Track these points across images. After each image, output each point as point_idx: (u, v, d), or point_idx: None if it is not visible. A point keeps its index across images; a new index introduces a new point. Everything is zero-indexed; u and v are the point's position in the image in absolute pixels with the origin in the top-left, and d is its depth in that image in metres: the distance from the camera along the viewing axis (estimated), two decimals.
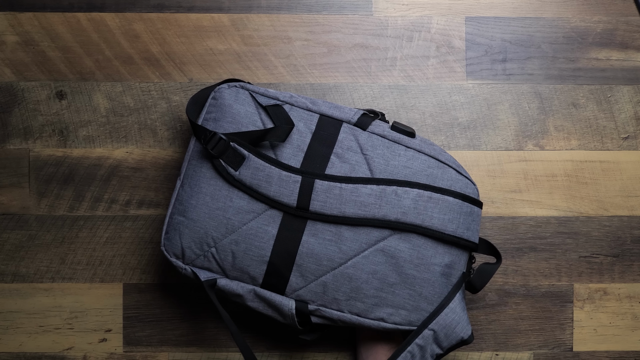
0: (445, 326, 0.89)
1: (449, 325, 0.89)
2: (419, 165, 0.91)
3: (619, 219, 1.04)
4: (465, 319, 0.90)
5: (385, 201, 0.89)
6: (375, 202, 0.89)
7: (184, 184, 0.92)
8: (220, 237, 0.90)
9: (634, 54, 1.05)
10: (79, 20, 1.03)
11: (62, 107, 1.03)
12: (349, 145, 0.91)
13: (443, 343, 0.89)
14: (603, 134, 1.05)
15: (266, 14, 1.04)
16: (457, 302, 0.90)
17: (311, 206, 0.89)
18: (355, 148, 0.91)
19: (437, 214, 0.89)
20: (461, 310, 0.90)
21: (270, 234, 0.89)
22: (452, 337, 0.89)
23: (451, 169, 0.92)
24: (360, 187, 0.89)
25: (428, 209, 0.89)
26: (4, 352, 1.02)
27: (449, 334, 0.89)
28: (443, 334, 0.89)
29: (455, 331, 0.89)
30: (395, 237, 0.90)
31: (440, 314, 0.89)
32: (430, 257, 0.90)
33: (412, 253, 0.89)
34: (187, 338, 1.03)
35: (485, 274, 0.91)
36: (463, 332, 0.90)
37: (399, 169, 0.91)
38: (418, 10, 1.05)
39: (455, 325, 0.89)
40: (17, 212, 1.03)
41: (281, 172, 0.89)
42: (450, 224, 0.90)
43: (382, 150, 0.92)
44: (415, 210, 0.89)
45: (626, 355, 1.04)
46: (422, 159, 0.92)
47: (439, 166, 0.92)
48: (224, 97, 0.93)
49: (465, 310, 0.90)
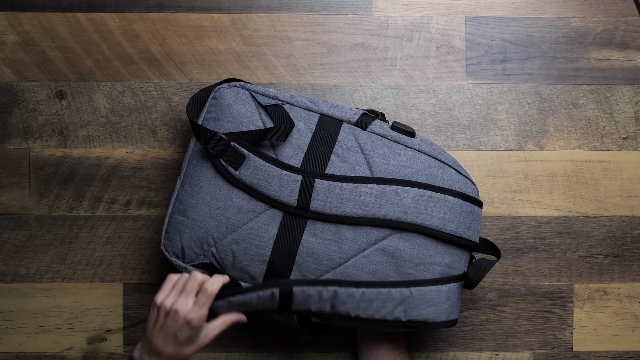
0: (421, 298, 0.88)
1: (425, 300, 0.88)
2: (419, 164, 0.91)
3: (619, 219, 1.04)
4: (445, 308, 0.89)
5: (386, 200, 0.89)
6: (376, 202, 0.89)
7: (184, 184, 0.92)
8: (220, 236, 0.90)
9: (634, 54, 1.05)
10: (79, 20, 1.03)
11: (62, 107, 1.03)
12: (349, 144, 0.91)
13: (409, 312, 0.88)
14: (603, 134, 1.05)
15: (266, 14, 1.04)
16: (447, 290, 0.89)
17: (311, 205, 0.89)
18: (356, 148, 0.91)
19: (437, 213, 0.89)
20: (446, 299, 0.89)
21: (270, 234, 0.89)
22: (422, 312, 0.88)
23: (451, 168, 0.92)
24: (361, 186, 0.89)
25: (428, 208, 0.89)
26: (4, 352, 1.02)
27: (420, 307, 0.88)
28: (416, 303, 0.88)
29: (427, 309, 0.88)
30: (395, 236, 0.89)
31: (427, 286, 0.88)
32: (430, 256, 0.89)
33: (412, 252, 0.89)
34: None
35: (482, 268, 0.90)
36: (434, 316, 0.88)
37: (399, 169, 0.91)
38: (418, 10, 1.05)
39: (432, 304, 0.88)
40: (17, 212, 1.03)
41: (281, 172, 0.89)
42: (451, 223, 0.90)
43: (382, 150, 0.92)
44: (416, 209, 0.89)
45: (626, 355, 1.04)
46: (422, 158, 0.92)
47: (439, 166, 0.92)
48: (224, 96, 0.93)
49: (451, 303, 0.90)
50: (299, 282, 0.86)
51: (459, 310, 0.92)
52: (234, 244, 0.89)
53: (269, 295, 0.85)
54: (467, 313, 1.04)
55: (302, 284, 0.86)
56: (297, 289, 0.86)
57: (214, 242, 0.90)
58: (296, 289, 0.86)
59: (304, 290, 0.86)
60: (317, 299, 0.87)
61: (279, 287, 0.85)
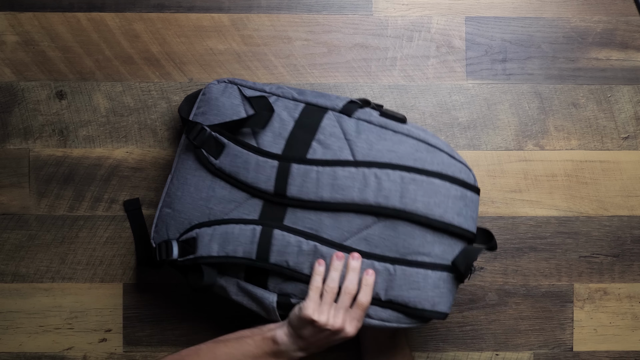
0: (405, 279, 0.83)
1: (409, 282, 0.83)
2: (406, 149, 0.85)
3: (619, 219, 1.04)
4: (431, 296, 0.83)
5: (364, 184, 0.84)
6: (353, 185, 0.84)
7: (173, 177, 0.92)
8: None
9: (634, 54, 1.05)
10: (79, 20, 1.03)
11: (62, 107, 1.03)
12: (332, 131, 0.87)
13: (390, 291, 0.84)
14: (603, 134, 1.05)
15: (266, 14, 1.04)
16: (436, 277, 0.83)
17: (288, 191, 0.86)
18: (339, 134, 0.87)
19: (420, 197, 0.83)
20: (433, 286, 0.83)
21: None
22: (403, 294, 0.83)
23: (443, 153, 0.85)
24: (338, 169, 0.85)
25: (411, 191, 0.83)
26: (4, 352, 1.02)
27: (402, 288, 0.83)
28: (398, 282, 0.84)
29: (409, 292, 0.83)
30: (379, 225, 0.84)
31: (413, 267, 0.83)
32: (417, 246, 0.83)
33: (396, 242, 0.84)
34: (187, 338, 1.03)
35: (469, 255, 0.83)
36: (415, 300, 0.83)
37: (383, 153, 0.85)
38: (418, 10, 1.05)
39: (415, 288, 0.83)
40: (17, 212, 1.03)
41: (258, 158, 0.87)
42: (437, 208, 0.83)
43: (367, 135, 0.86)
44: (397, 193, 0.83)
45: (626, 355, 1.04)
46: (410, 142, 0.86)
47: (428, 150, 0.85)
48: (212, 91, 0.93)
49: (439, 292, 0.84)
50: (280, 227, 0.85)
51: (450, 304, 0.85)
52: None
53: (250, 232, 0.85)
54: (467, 313, 1.04)
55: (283, 229, 0.85)
56: (278, 232, 0.85)
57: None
58: (277, 231, 0.85)
59: (284, 236, 0.85)
60: (296, 251, 0.85)
61: (261, 225, 0.86)
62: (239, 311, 1.02)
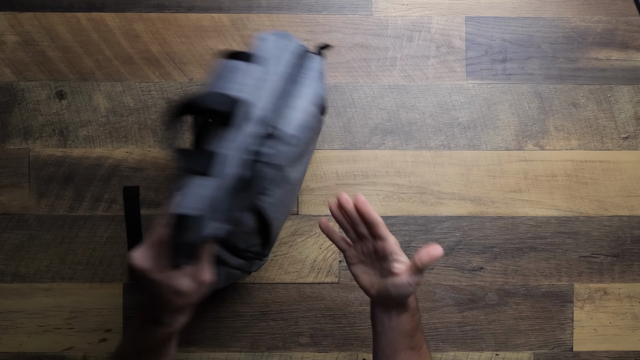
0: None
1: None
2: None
3: (619, 219, 1.04)
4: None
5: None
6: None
7: None
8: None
9: (634, 54, 1.05)
10: (79, 20, 1.03)
11: (62, 107, 1.03)
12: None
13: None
14: (603, 134, 1.05)
15: (266, 14, 1.04)
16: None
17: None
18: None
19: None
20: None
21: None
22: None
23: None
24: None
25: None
26: (4, 352, 1.02)
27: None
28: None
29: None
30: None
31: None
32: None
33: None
34: (187, 338, 1.03)
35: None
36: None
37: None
38: (418, 10, 1.05)
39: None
40: (17, 212, 1.03)
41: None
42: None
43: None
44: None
45: (626, 355, 1.04)
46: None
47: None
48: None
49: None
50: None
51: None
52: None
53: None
54: (467, 313, 1.04)
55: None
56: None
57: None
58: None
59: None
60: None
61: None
62: (239, 311, 1.02)
